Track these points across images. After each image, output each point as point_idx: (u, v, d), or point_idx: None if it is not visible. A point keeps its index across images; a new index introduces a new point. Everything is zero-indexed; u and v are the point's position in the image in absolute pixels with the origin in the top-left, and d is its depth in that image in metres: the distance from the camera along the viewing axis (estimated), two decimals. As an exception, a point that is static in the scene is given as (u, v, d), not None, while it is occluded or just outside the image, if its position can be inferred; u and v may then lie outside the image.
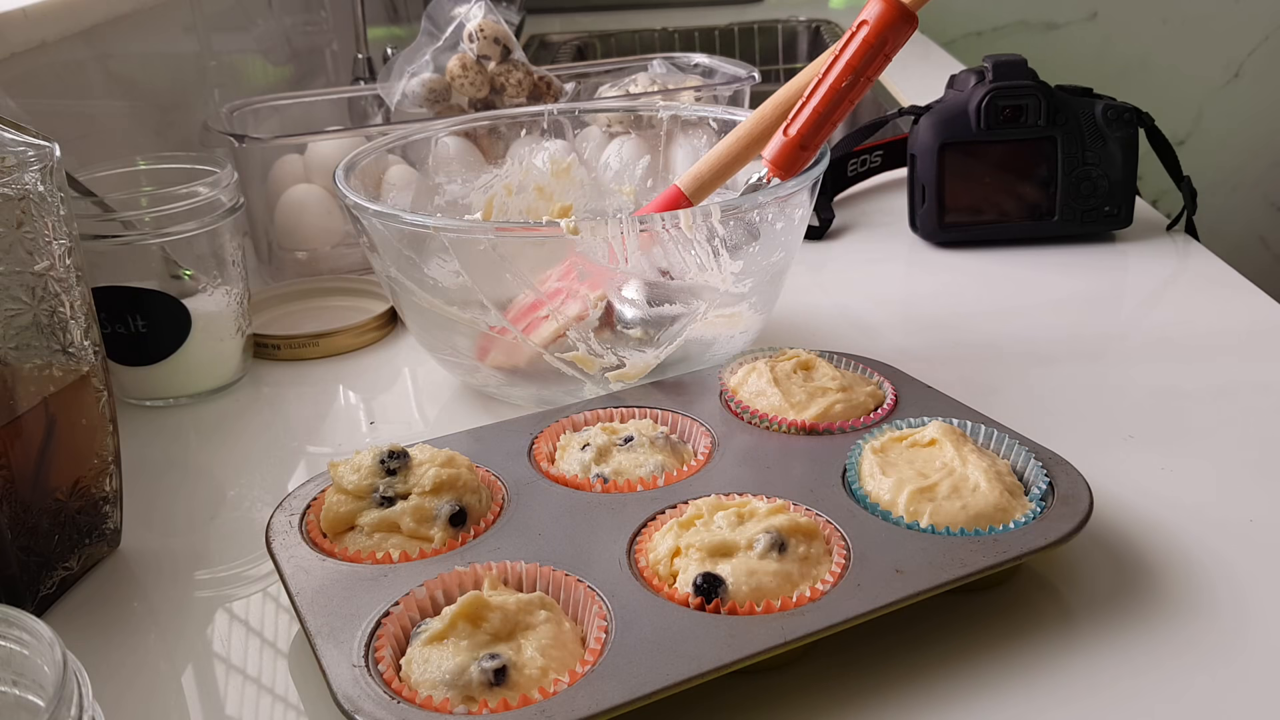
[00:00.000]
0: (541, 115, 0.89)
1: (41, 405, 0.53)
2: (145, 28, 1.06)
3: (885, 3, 0.59)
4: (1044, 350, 0.80)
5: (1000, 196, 0.97)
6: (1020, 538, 0.50)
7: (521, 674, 0.44)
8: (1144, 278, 0.92)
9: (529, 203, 0.82)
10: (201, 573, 0.59)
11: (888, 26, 0.59)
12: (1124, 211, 0.96)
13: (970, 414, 0.61)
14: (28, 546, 0.53)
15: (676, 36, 1.97)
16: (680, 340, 0.68)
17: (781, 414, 0.62)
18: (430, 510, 0.53)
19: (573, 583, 0.49)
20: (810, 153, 0.66)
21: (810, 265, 0.95)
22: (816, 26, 2.03)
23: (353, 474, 0.55)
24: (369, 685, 0.44)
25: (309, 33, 1.57)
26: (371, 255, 0.72)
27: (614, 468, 0.58)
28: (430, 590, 0.49)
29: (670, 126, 0.89)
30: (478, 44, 1.02)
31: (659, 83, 1.07)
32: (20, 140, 0.52)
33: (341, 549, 0.53)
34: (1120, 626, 0.51)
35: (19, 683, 0.38)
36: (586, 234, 0.62)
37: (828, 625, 0.46)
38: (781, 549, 0.49)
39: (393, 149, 0.85)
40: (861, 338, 0.82)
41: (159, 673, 0.52)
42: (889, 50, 0.60)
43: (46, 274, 0.53)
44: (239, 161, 0.92)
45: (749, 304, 0.71)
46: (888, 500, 0.53)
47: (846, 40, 0.63)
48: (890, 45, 0.60)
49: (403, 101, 1.03)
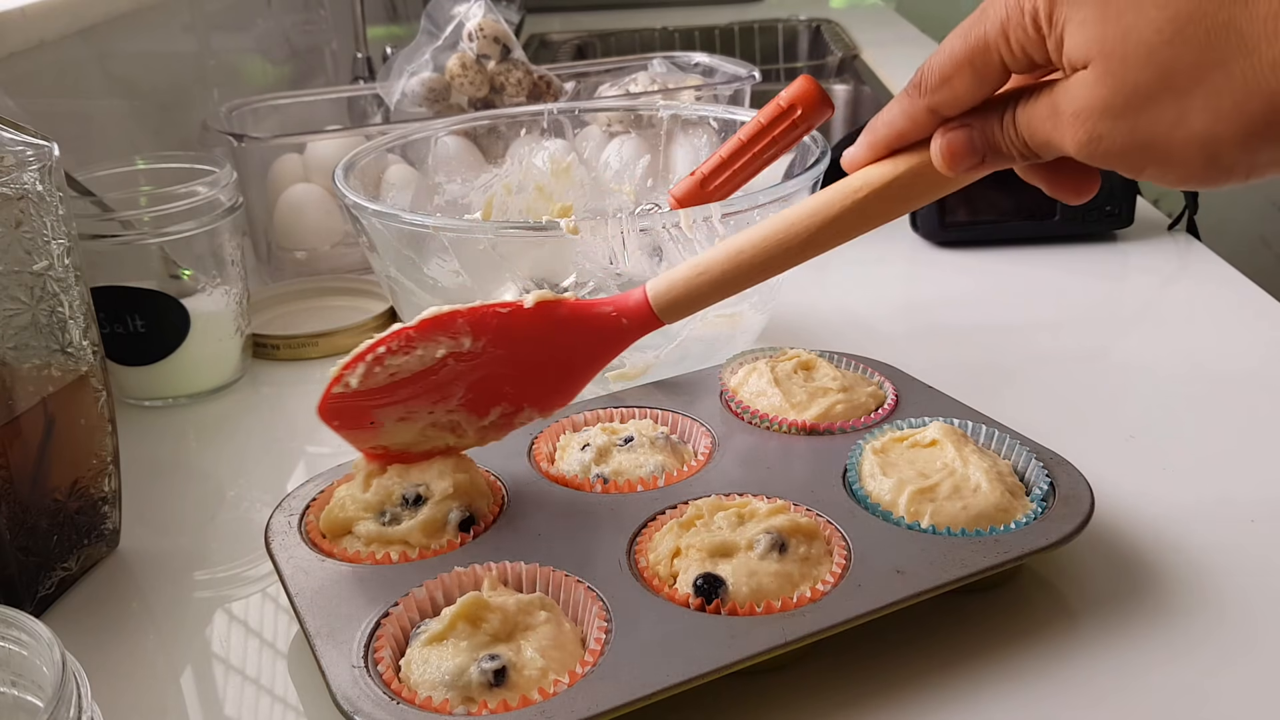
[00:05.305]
0: (541, 115, 0.89)
1: (40, 405, 0.53)
2: (144, 27, 1.06)
3: (805, 79, 0.64)
4: (1045, 350, 0.80)
5: (1001, 196, 0.97)
6: (1021, 538, 0.50)
7: (521, 675, 0.44)
8: (1145, 277, 0.92)
9: (529, 202, 0.82)
10: (200, 573, 0.59)
11: (799, 97, 0.63)
12: (1125, 211, 0.96)
13: (971, 414, 0.61)
14: (26, 547, 0.53)
15: (676, 36, 1.97)
16: (680, 340, 0.68)
17: (782, 414, 0.62)
18: (441, 520, 0.53)
19: (573, 583, 0.49)
20: (713, 194, 0.66)
21: (810, 265, 0.95)
22: (817, 26, 2.03)
23: (365, 495, 0.54)
24: (368, 686, 0.44)
25: (308, 32, 1.56)
26: (371, 255, 0.72)
27: (614, 468, 0.58)
28: (430, 591, 0.49)
29: (670, 126, 0.89)
30: (477, 43, 1.02)
31: (659, 82, 1.07)
32: (19, 140, 0.52)
33: (341, 549, 0.53)
34: (1121, 627, 0.51)
35: (18, 683, 0.38)
36: (586, 234, 0.62)
37: (828, 625, 0.46)
38: (782, 549, 0.49)
39: (392, 148, 0.85)
40: (862, 338, 0.82)
41: (158, 673, 0.52)
42: (799, 120, 0.63)
43: (45, 274, 0.53)
44: (238, 161, 0.92)
45: (749, 304, 0.71)
46: (888, 500, 0.53)
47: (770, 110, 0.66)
48: (801, 116, 0.63)
49: (402, 101, 1.02)
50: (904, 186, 0.47)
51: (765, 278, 0.52)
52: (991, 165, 0.45)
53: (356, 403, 0.52)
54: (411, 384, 0.52)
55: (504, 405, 0.55)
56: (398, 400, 0.52)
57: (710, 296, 0.53)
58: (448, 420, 0.54)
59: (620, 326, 0.54)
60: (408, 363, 0.51)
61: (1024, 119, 0.42)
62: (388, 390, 0.52)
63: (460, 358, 0.52)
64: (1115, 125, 0.39)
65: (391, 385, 0.52)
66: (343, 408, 0.53)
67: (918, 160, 0.47)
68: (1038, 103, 0.42)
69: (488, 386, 0.54)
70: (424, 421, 0.54)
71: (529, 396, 0.55)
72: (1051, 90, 0.41)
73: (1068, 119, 0.40)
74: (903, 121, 0.46)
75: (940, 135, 0.45)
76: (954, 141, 0.45)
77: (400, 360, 0.51)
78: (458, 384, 0.53)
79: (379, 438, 0.54)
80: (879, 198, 0.48)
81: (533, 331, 0.53)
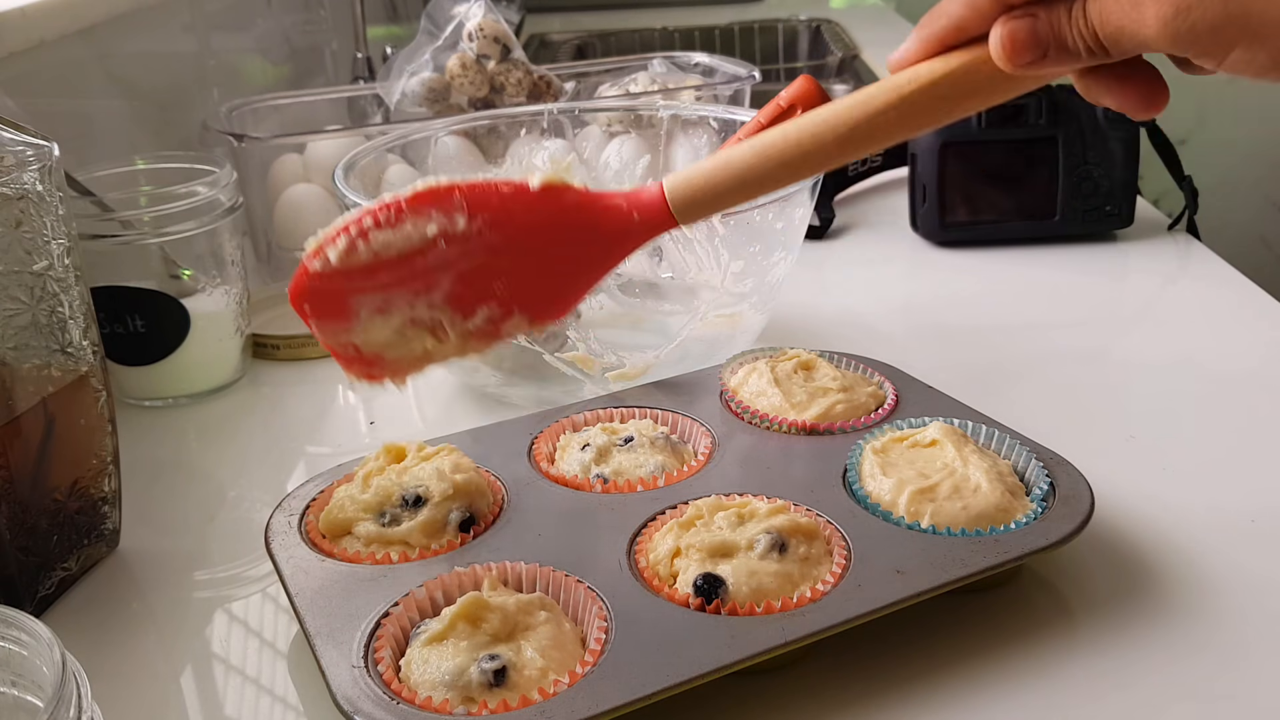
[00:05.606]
0: (541, 115, 0.89)
1: (40, 405, 0.53)
2: (144, 27, 1.05)
3: (805, 79, 0.62)
4: (1045, 350, 0.80)
5: (1001, 196, 0.97)
6: (1021, 538, 0.50)
7: (521, 675, 0.44)
8: (1145, 277, 0.92)
9: (529, 202, 0.82)
10: (200, 573, 0.59)
11: (799, 97, 0.61)
12: (1125, 211, 0.96)
13: (971, 414, 0.61)
14: (26, 547, 0.53)
15: (677, 36, 1.97)
16: (680, 340, 0.68)
17: (782, 414, 0.62)
18: (441, 521, 0.53)
19: (573, 583, 0.49)
20: None
21: (810, 265, 0.95)
22: (817, 26, 2.03)
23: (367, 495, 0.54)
24: (368, 686, 0.44)
25: (308, 32, 1.56)
26: (371, 255, 0.72)
27: (614, 468, 0.58)
28: (430, 591, 0.49)
29: (670, 126, 0.89)
30: (477, 43, 1.02)
31: (659, 82, 1.07)
32: (19, 140, 0.52)
33: (340, 550, 0.53)
34: (1122, 627, 0.51)
35: (18, 683, 0.38)
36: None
37: (828, 626, 0.46)
38: (782, 549, 0.49)
39: (392, 148, 0.85)
40: (862, 338, 0.82)
41: (158, 673, 0.52)
42: None
43: (45, 274, 0.53)
44: (238, 161, 0.92)
45: (749, 304, 0.71)
46: (888, 500, 0.53)
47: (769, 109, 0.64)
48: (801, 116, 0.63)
49: (402, 101, 1.02)
50: (955, 84, 0.43)
51: (795, 179, 0.48)
52: (1055, 62, 0.41)
53: (333, 284, 0.47)
54: (395, 267, 0.47)
55: (492, 306, 0.49)
56: (378, 286, 0.48)
57: (732, 195, 0.48)
58: (429, 318, 0.49)
59: (631, 222, 0.48)
60: (394, 239, 0.47)
61: (1096, 6, 0.39)
62: (368, 271, 0.47)
63: (452, 240, 0.47)
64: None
65: (373, 265, 0.47)
66: (317, 289, 0.47)
67: (972, 56, 0.43)
68: None
69: (478, 280, 0.48)
70: (403, 316, 0.49)
71: (521, 298, 0.49)
72: None
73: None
74: (960, 9, 0.43)
75: (1002, 24, 0.42)
76: (1016, 31, 0.41)
77: (386, 236, 0.47)
78: (445, 273, 0.48)
79: (352, 332, 0.49)
80: (926, 94, 0.44)
81: (535, 217, 0.48)
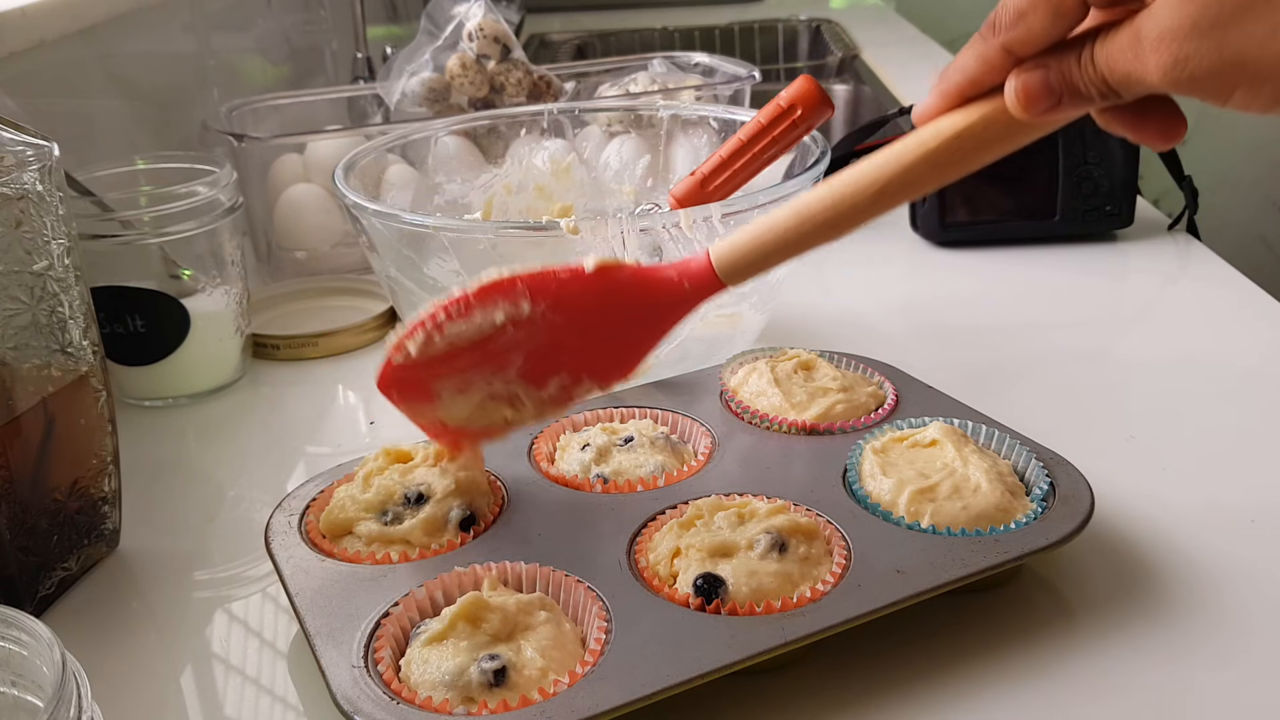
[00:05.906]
0: (541, 115, 0.89)
1: (40, 405, 0.53)
2: (144, 27, 1.06)
3: (805, 79, 0.65)
4: (1045, 350, 0.80)
5: (1001, 196, 0.97)
6: (1021, 538, 0.50)
7: (521, 675, 0.44)
8: (1145, 277, 0.92)
9: (529, 202, 0.82)
10: (200, 573, 0.59)
11: (799, 97, 0.63)
12: (1125, 211, 0.96)
13: (971, 414, 0.61)
14: (26, 546, 0.53)
15: (676, 36, 1.97)
16: (680, 340, 0.68)
17: (782, 414, 0.62)
18: (442, 518, 0.53)
19: (573, 583, 0.49)
20: (713, 194, 0.66)
21: (810, 265, 0.95)
22: (817, 26, 2.03)
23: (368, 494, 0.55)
24: (368, 686, 0.44)
25: (308, 32, 1.56)
26: (371, 255, 0.72)
27: (614, 468, 0.58)
28: (430, 591, 0.49)
29: (670, 126, 0.89)
30: (477, 43, 1.02)
31: (659, 82, 1.07)
32: (19, 140, 0.52)
33: (341, 550, 0.53)
34: (1121, 627, 0.51)
35: (18, 683, 0.38)
36: (586, 234, 0.62)
37: (828, 625, 0.46)
38: (782, 549, 0.49)
39: (392, 148, 0.85)
40: (862, 338, 0.82)
41: (158, 673, 0.52)
42: (799, 120, 0.64)
43: (45, 274, 0.53)
44: (238, 161, 0.92)
45: (749, 304, 0.71)
46: (888, 500, 0.53)
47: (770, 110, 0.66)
48: (801, 116, 0.64)
49: (402, 101, 1.02)
50: (977, 135, 0.45)
51: (835, 236, 0.49)
52: (1069, 107, 0.43)
53: (415, 373, 0.52)
54: (469, 352, 0.52)
55: (562, 376, 0.53)
56: (456, 370, 0.52)
57: (776, 257, 0.50)
58: (506, 392, 0.53)
59: (682, 291, 0.51)
60: (465, 329, 0.51)
61: (1103, 54, 0.40)
62: (445, 358, 0.52)
63: (519, 324, 0.51)
64: (1203, 44, 0.37)
65: (450, 354, 0.51)
66: (401, 378, 0.52)
67: (991, 108, 0.45)
68: (1118, 35, 0.40)
69: (546, 356, 0.53)
70: (482, 393, 0.53)
71: (588, 367, 0.53)
72: (1133, 20, 0.39)
73: (1151, 44, 0.38)
74: (975, 65, 0.44)
75: (1015, 76, 0.43)
76: (1029, 82, 0.43)
77: (459, 327, 0.51)
78: (516, 352, 0.52)
79: (437, 411, 0.54)
80: (950, 148, 0.46)
81: (593, 297, 0.52)
